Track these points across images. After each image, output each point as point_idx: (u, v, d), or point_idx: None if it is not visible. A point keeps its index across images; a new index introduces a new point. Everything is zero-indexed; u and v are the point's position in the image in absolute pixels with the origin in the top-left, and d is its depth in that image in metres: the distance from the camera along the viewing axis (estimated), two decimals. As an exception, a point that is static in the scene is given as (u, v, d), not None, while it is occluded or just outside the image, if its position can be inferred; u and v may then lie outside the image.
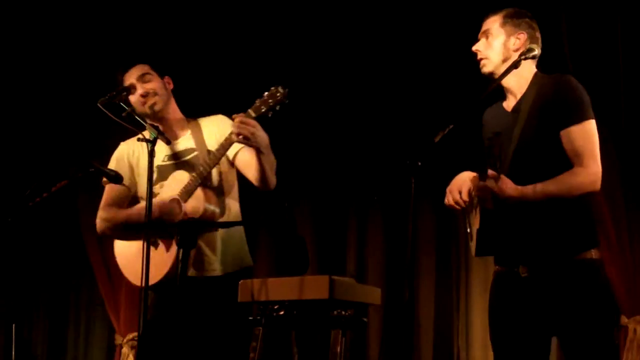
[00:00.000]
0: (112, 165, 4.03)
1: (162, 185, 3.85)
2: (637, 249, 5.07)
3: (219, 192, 3.84)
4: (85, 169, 3.75)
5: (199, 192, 3.71)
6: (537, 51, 3.36)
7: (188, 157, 3.85)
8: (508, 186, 3.14)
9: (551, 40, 5.16)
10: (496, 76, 3.40)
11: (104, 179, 3.86)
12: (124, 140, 4.12)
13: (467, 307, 5.71)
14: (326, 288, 4.31)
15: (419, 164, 3.07)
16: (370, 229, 6.17)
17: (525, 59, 3.34)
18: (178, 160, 3.86)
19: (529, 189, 3.17)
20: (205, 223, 3.79)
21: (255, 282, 4.60)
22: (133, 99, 3.91)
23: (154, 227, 3.59)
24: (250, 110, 3.55)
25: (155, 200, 3.73)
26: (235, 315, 3.76)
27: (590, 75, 5.19)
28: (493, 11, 3.50)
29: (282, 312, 4.49)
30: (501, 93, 3.51)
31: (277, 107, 3.53)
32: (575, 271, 3.20)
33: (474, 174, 3.40)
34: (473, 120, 3.43)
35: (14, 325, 4.34)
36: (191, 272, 3.72)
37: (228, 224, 3.88)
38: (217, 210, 3.73)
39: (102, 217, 3.99)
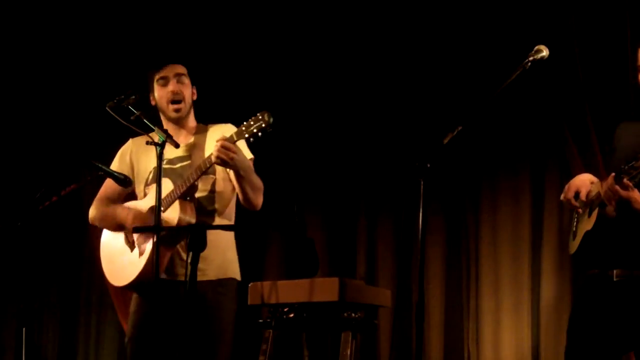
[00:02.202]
0: (116, 160, 4.07)
1: (151, 188, 3.87)
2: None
3: (208, 202, 3.85)
4: (94, 171, 3.75)
5: (176, 204, 3.73)
6: (544, 52, 3.33)
7: (178, 166, 3.86)
8: (637, 199, 3.14)
9: (561, 42, 5.19)
10: None
11: None
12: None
13: (477, 308, 5.69)
14: (336, 290, 4.31)
15: (428, 165, 3.06)
16: (380, 231, 6.17)
17: (534, 60, 3.31)
18: (171, 167, 3.86)
19: None
20: (214, 226, 3.80)
21: (265, 285, 4.60)
22: (160, 92, 3.94)
23: (163, 229, 3.62)
24: (233, 134, 3.58)
25: (133, 209, 3.85)
26: (203, 322, 3.72)
27: (598, 75, 5.20)
28: None
29: (292, 315, 4.49)
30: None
31: (260, 134, 3.54)
32: None
33: (594, 177, 3.40)
34: (480, 122, 3.43)
35: (24, 328, 4.34)
36: (163, 275, 3.74)
37: (227, 227, 3.89)
38: (193, 220, 3.72)
39: (94, 207, 4.04)
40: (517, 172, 5.68)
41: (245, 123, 3.56)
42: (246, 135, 3.54)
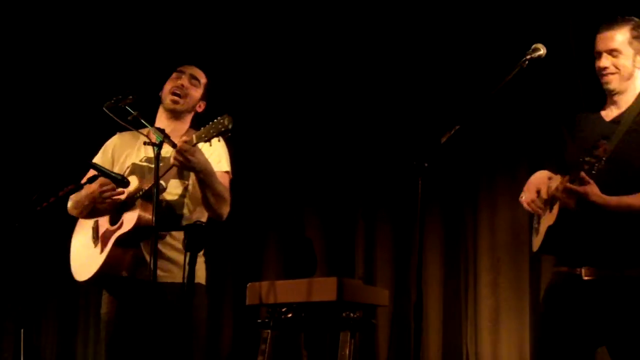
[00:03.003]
0: (99, 154, 4.06)
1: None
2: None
3: (178, 206, 3.84)
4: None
5: (138, 202, 3.73)
6: (542, 51, 3.32)
7: (154, 165, 3.85)
8: (594, 192, 3.12)
9: (559, 43, 5.19)
10: (617, 93, 3.37)
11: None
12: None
13: (475, 309, 5.69)
14: (334, 290, 4.31)
15: (426, 165, 3.06)
16: (379, 231, 6.16)
17: (532, 58, 3.30)
18: (148, 165, 3.86)
19: (613, 200, 3.15)
20: (212, 226, 3.80)
21: (264, 285, 4.60)
22: (169, 82, 3.99)
23: (161, 227, 3.62)
24: (193, 136, 3.60)
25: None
26: (163, 323, 3.71)
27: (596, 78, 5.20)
28: (615, 25, 3.41)
29: (290, 315, 4.49)
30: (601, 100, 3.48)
31: (219, 138, 3.56)
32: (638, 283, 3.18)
33: (551, 173, 3.38)
34: (478, 121, 3.42)
35: (22, 330, 4.34)
36: (124, 273, 3.76)
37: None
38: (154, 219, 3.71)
39: (70, 198, 3.99)
40: (515, 172, 5.67)
41: (206, 126, 3.58)
42: (205, 139, 3.55)
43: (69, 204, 3.99)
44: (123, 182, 3.75)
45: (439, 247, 5.92)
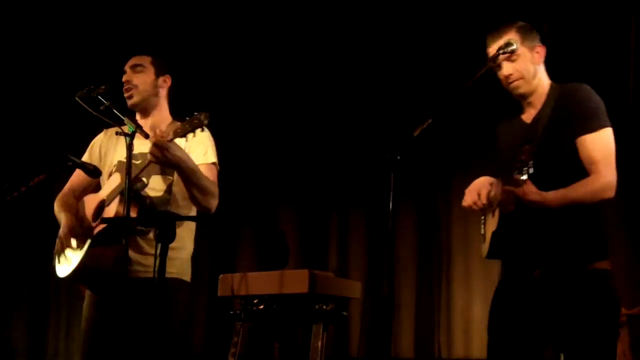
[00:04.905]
0: (87, 152, 4.01)
1: (108, 181, 3.82)
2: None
3: (162, 203, 3.79)
4: (63, 162, 3.71)
5: (117, 198, 3.67)
6: (515, 45, 3.34)
7: (140, 162, 3.79)
8: (532, 190, 3.13)
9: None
10: (529, 95, 3.39)
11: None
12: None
13: (448, 301, 5.72)
14: (306, 282, 4.32)
15: (398, 158, 3.06)
16: (352, 224, 6.18)
17: (504, 53, 3.32)
18: (134, 162, 3.78)
19: (550, 195, 3.15)
20: (184, 217, 3.78)
21: (236, 277, 4.60)
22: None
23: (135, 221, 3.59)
24: (170, 132, 3.55)
25: (69, 219, 3.79)
26: (155, 319, 3.68)
27: (570, 69, 5.24)
28: (501, 32, 3.41)
29: (262, 307, 4.49)
30: (518, 107, 3.50)
31: (194, 134, 3.52)
32: (585, 280, 3.20)
33: (492, 179, 3.40)
34: (451, 114, 3.42)
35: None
36: (106, 269, 3.70)
37: (193, 218, 3.86)
38: (132, 215, 3.67)
39: (57, 202, 3.96)
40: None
41: (183, 122, 3.52)
42: (181, 134, 3.50)
43: (55, 210, 3.94)
44: (94, 172, 3.72)
45: (413, 239, 5.95)
